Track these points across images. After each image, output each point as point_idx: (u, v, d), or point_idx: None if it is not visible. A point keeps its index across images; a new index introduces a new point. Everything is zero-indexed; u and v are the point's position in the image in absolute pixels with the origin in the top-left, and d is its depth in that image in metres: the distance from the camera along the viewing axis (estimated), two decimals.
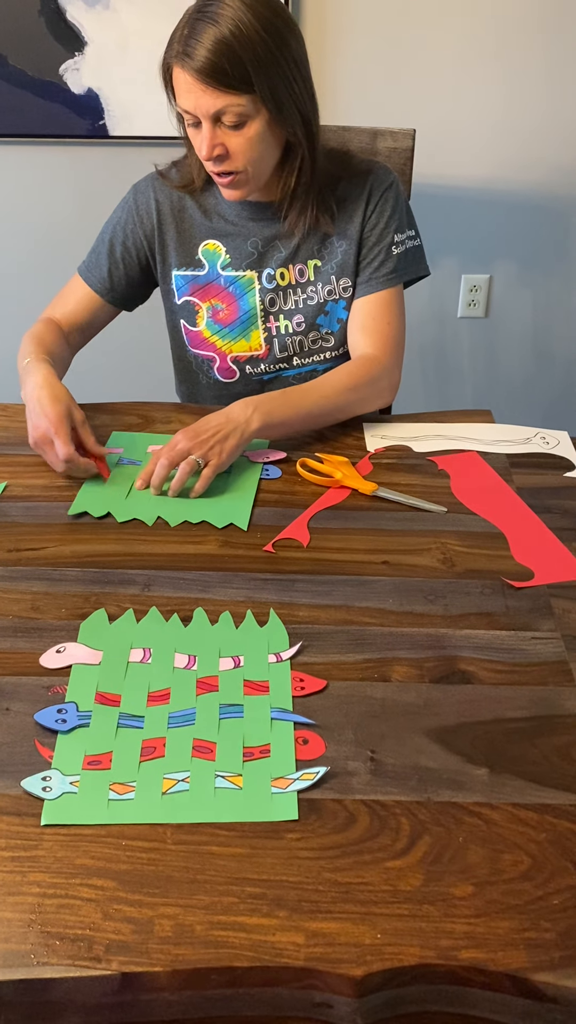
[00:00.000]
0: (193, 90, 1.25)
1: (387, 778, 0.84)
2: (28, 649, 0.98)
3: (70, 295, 1.52)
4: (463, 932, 0.72)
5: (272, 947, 0.70)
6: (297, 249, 1.45)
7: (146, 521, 1.20)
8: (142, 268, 1.51)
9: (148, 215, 1.47)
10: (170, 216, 1.47)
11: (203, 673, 0.96)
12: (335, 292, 1.46)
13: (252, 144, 1.30)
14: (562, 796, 0.82)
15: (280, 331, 1.49)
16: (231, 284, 1.47)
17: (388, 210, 1.44)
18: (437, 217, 2.29)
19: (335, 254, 1.45)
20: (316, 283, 1.46)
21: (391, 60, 2.15)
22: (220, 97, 1.25)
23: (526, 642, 1.00)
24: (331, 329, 1.49)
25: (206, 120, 1.27)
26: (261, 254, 1.46)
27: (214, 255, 1.47)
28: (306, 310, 1.47)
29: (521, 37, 2.14)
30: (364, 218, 1.44)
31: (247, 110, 1.26)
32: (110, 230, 1.51)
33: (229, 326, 1.49)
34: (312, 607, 1.05)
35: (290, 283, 1.46)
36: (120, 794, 0.82)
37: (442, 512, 1.23)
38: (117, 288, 1.51)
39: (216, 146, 1.29)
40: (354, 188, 1.44)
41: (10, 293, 2.40)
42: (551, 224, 2.34)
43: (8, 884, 0.74)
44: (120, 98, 2.16)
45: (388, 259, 1.44)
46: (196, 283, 1.49)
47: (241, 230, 1.45)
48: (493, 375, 2.53)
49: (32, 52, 2.10)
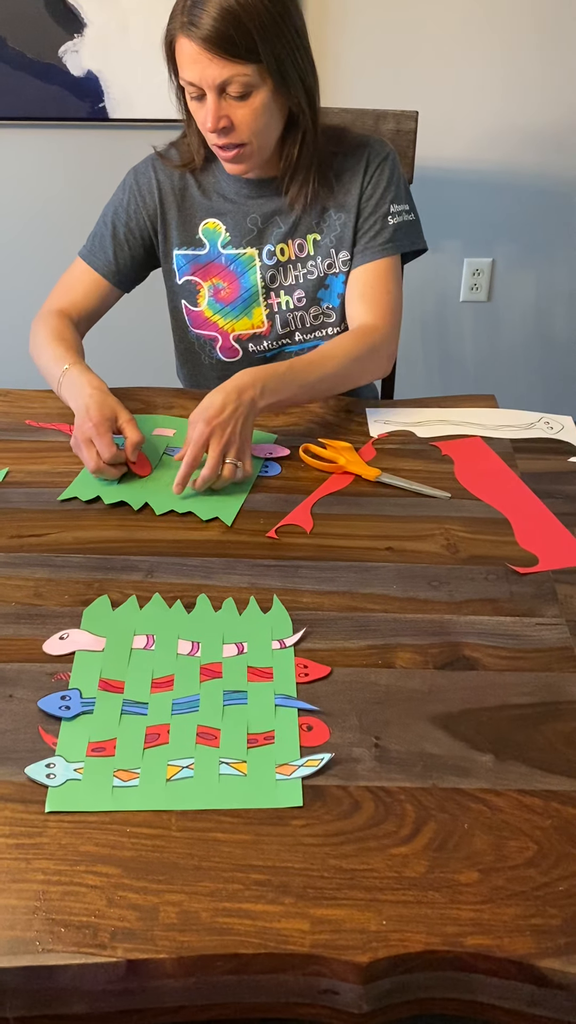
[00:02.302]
0: (199, 60, 1.24)
1: (392, 764, 0.84)
2: (31, 636, 0.98)
3: (76, 283, 1.51)
4: (469, 918, 0.71)
5: (277, 934, 0.70)
6: (296, 224, 1.44)
7: (133, 505, 1.19)
8: (146, 248, 1.51)
9: (151, 195, 1.47)
10: (171, 196, 1.46)
11: (207, 660, 0.95)
12: (335, 265, 1.45)
13: (257, 115, 1.29)
14: (567, 782, 0.82)
15: (281, 307, 1.48)
16: (232, 262, 1.47)
17: (384, 181, 1.43)
18: (440, 200, 2.28)
19: (334, 227, 1.44)
20: (316, 257, 1.45)
21: (394, 42, 2.14)
22: (227, 67, 1.24)
23: (531, 628, 1.00)
24: (332, 304, 1.48)
25: (211, 91, 1.26)
26: (261, 230, 1.45)
27: (214, 234, 1.46)
28: (306, 285, 1.47)
29: (525, 19, 2.12)
30: (361, 189, 1.43)
31: (253, 80, 1.26)
32: (112, 212, 1.50)
33: (231, 304, 1.49)
34: (316, 593, 1.05)
35: (290, 258, 1.46)
36: (124, 781, 0.82)
37: (446, 498, 1.22)
38: (123, 270, 1.50)
39: (222, 117, 1.29)
40: (351, 160, 1.43)
41: (9, 276, 2.39)
42: (554, 208, 2.33)
43: (13, 871, 0.74)
44: (120, 80, 2.14)
45: (384, 228, 1.44)
46: (197, 262, 1.48)
47: (240, 207, 1.45)
48: (496, 359, 2.52)
49: (31, 34, 2.08)
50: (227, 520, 1.17)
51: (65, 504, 1.20)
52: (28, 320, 1.50)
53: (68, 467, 1.27)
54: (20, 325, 2.26)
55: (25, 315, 1.55)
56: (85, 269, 1.50)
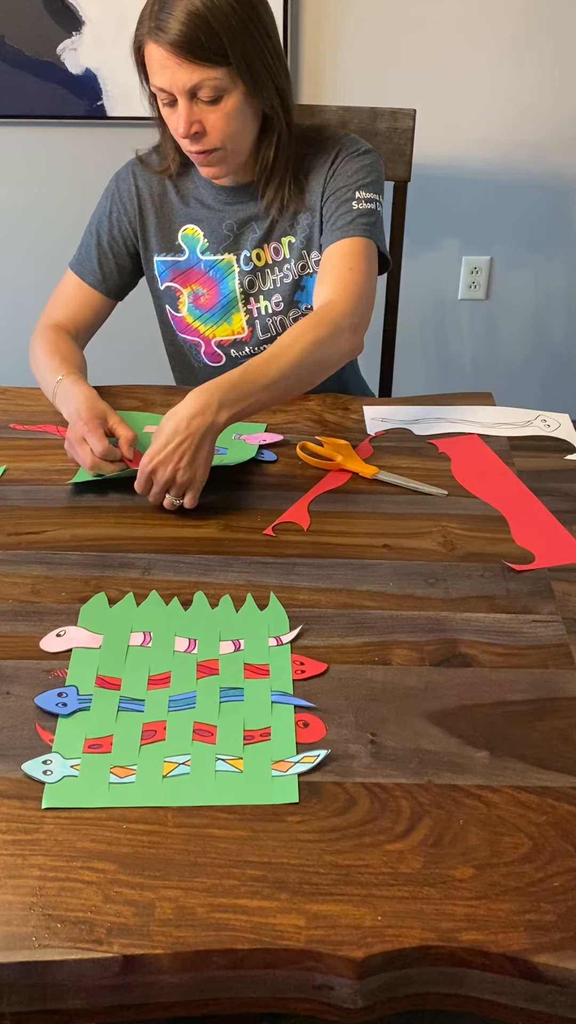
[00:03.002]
0: (168, 65, 1.23)
1: (387, 761, 0.84)
2: (28, 633, 0.98)
3: (70, 297, 1.50)
4: (464, 914, 0.72)
5: (273, 929, 0.71)
6: (271, 228, 1.44)
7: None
8: (131, 256, 1.50)
9: (131, 201, 1.47)
10: (150, 202, 1.46)
11: (203, 657, 0.95)
12: (308, 266, 1.45)
13: (229, 119, 1.28)
14: (562, 779, 0.82)
15: (261, 312, 1.48)
16: (211, 268, 1.46)
17: (351, 170, 1.39)
18: (438, 198, 2.27)
19: (303, 228, 1.43)
20: (290, 260, 1.45)
21: (392, 39, 2.13)
22: (196, 71, 1.23)
23: (527, 625, 1.00)
24: (310, 304, 1.47)
25: (182, 96, 1.25)
26: (237, 236, 1.44)
27: (193, 240, 1.46)
28: (283, 289, 1.46)
29: (523, 18, 2.12)
30: (324, 184, 1.40)
31: (223, 83, 1.25)
32: (96, 222, 1.50)
33: (210, 311, 1.49)
34: (312, 590, 1.05)
35: (267, 263, 1.45)
36: (121, 777, 0.82)
37: (443, 495, 1.23)
38: (109, 279, 1.50)
39: (193, 123, 1.27)
40: (319, 159, 1.41)
41: (6, 274, 2.38)
42: (553, 205, 2.32)
43: (9, 867, 0.75)
44: (118, 78, 2.14)
45: (347, 212, 1.38)
46: (176, 268, 1.48)
47: (217, 213, 1.44)
48: (494, 357, 2.52)
49: (29, 31, 2.08)
50: (246, 457, 1.26)
51: (63, 501, 1.20)
52: (26, 319, 1.50)
53: (66, 464, 1.27)
54: (18, 324, 2.26)
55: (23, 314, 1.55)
56: (74, 281, 1.50)
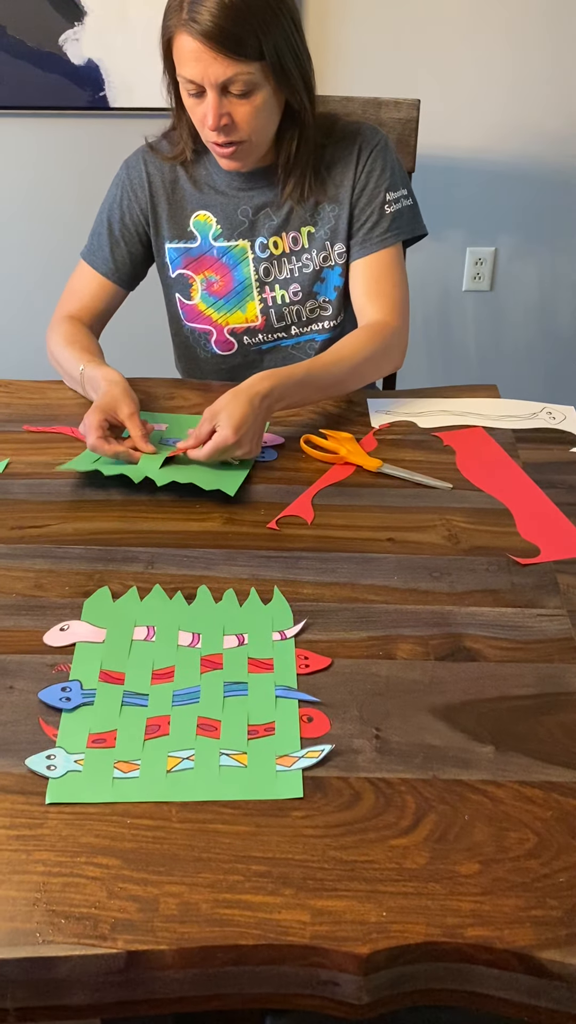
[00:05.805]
0: (202, 58, 1.22)
1: (392, 756, 0.84)
2: (32, 627, 0.98)
3: (83, 287, 1.50)
4: (469, 910, 0.71)
5: (277, 925, 0.70)
6: (289, 217, 1.43)
7: (133, 478, 1.18)
8: (142, 243, 1.50)
9: (142, 188, 1.46)
10: (162, 189, 1.45)
11: (207, 651, 0.95)
12: (331, 258, 1.44)
13: (258, 112, 1.28)
14: (568, 773, 0.82)
15: (276, 301, 1.47)
16: (224, 255, 1.46)
17: (377, 169, 1.41)
18: (441, 189, 2.26)
19: (328, 219, 1.43)
20: (311, 250, 1.44)
21: (396, 29, 2.12)
22: (231, 65, 1.22)
23: (532, 619, 1.00)
24: (328, 297, 1.47)
25: (212, 89, 1.25)
26: (252, 222, 1.44)
27: (205, 226, 1.45)
28: (302, 278, 1.46)
29: (527, 7, 2.11)
30: (354, 181, 1.41)
31: (256, 78, 1.25)
32: (107, 209, 1.49)
33: (224, 298, 1.48)
34: (316, 584, 1.04)
35: (284, 252, 1.45)
36: (125, 772, 0.82)
37: (447, 488, 1.22)
38: (122, 268, 1.49)
39: (223, 115, 1.27)
40: (342, 151, 1.41)
41: (10, 266, 2.38)
42: (557, 196, 2.31)
43: (13, 863, 0.74)
44: (120, 69, 2.13)
45: (382, 219, 1.42)
46: (189, 255, 1.48)
47: (231, 200, 1.44)
48: (498, 349, 2.52)
49: (31, 22, 2.07)
50: (230, 491, 1.17)
51: (66, 495, 1.20)
52: (30, 310, 1.50)
53: (69, 458, 1.27)
54: (21, 315, 2.26)
55: (27, 305, 1.55)
56: (87, 271, 1.50)
